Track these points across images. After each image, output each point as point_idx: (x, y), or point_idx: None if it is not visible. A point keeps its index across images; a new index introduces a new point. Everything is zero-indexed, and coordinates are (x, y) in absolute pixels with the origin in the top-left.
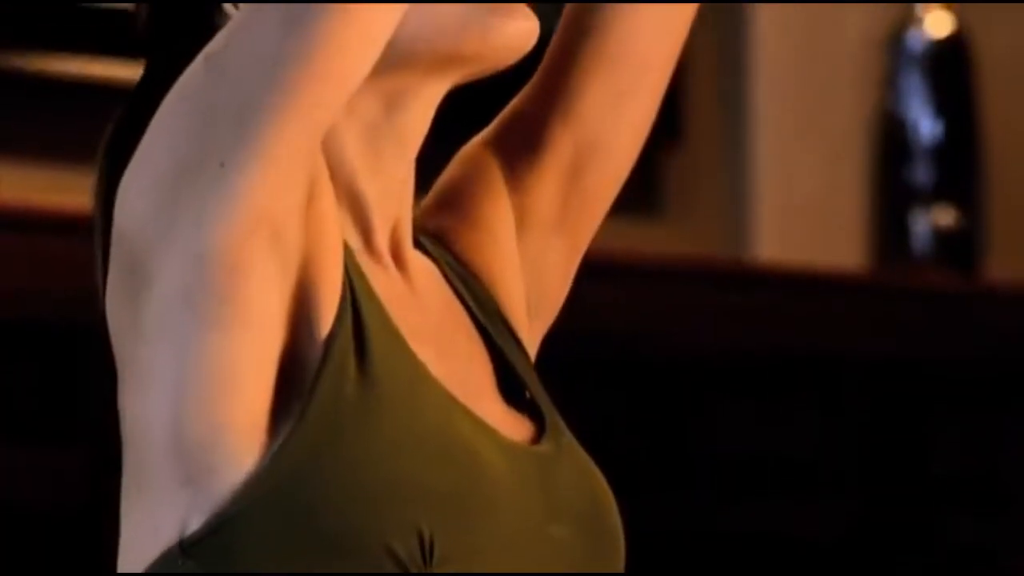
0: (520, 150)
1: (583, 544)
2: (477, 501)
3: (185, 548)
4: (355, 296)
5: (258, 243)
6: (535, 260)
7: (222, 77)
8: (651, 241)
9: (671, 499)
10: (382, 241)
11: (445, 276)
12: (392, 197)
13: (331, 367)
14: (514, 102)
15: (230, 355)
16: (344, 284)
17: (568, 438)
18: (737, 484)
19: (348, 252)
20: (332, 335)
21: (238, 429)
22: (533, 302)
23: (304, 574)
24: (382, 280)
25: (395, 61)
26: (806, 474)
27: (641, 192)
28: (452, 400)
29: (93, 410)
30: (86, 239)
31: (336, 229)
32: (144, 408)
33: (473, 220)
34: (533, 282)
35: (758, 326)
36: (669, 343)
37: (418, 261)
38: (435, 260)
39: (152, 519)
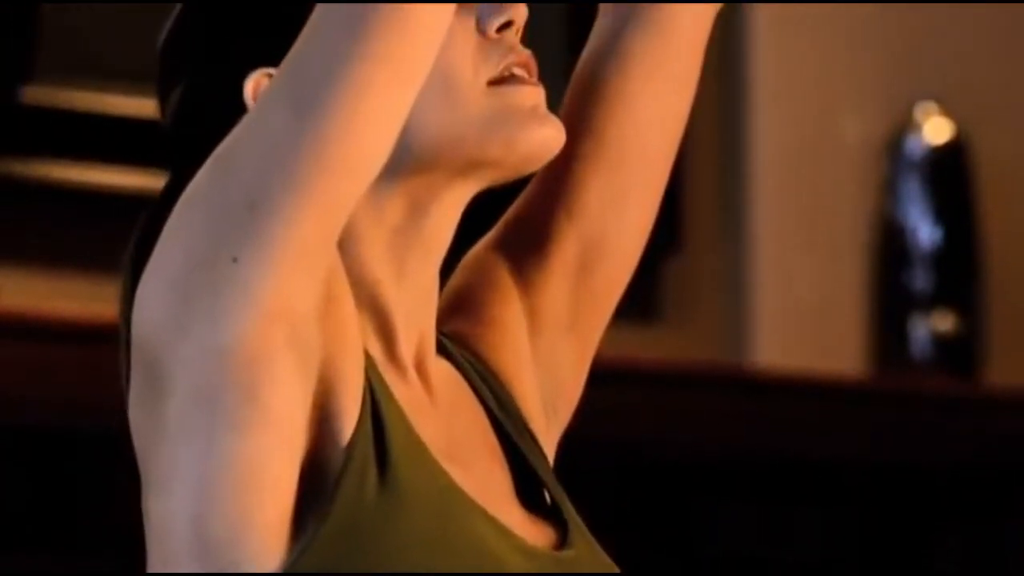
0: (527, 252)
1: None
2: None
3: None
4: (376, 403)
5: (275, 340)
6: (548, 360)
7: (231, 173)
8: (651, 346)
9: None
10: (406, 350)
11: (467, 379)
12: (417, 305)
13: (352, 472)
14: (517, 204)
15: (252, 455)
16: (365, 391)
17: (591, 542)
18: None
19: (369, 361)
20: (353, 441)
21: (261, 529)
22: (549, 401)
23: None
24: (403, 390)
25: (419, 166)
26: (797, 572)
27: (641, 297)
28: (474, 506)
29: (92, 517)
30: (89, 345)
31: (357, 336)
32: (167, 507)
33: (487, 322)
34: (548, 382)
35: (758, 431)
36: (670, 448)
37: (441, 369)
38: (456, 363)
39: None
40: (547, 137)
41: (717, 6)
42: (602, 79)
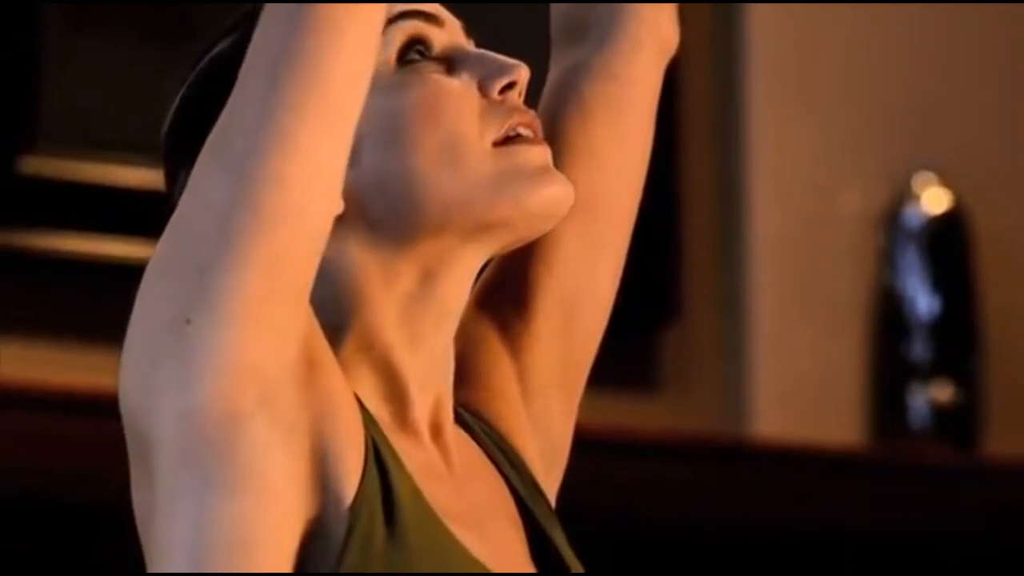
0: (512, 312)
1: None
2: None
3: None
4: (383, 466)
5: (245, 399)
6: (544, 420)
7: (181, 236)
8: (649, 417)
9: None
10: (420, 415)
11: (482, 446)
12: (432, 369)
13: (358, 535)
14: (494, 265)
15: (241, 517)
16: (369, 454)
17: None
18: None
19: (375, 426)
20: (357, 504)
21: None
22: (547, 457)
23: None
24: (417, 455)
25: (429, 231)
26: None
27: (639, 368)
28: (483, 569)
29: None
30: (91, 417)
31: (349, 403)
32: None
33: (487, 387)
34: (544, 441)
35: (757, 502)
36: (668, 519)
37: (459, 438)
38: (471, 430)
39: None
40: (557, 194)
41: (668, 56)
42: (568, 132)
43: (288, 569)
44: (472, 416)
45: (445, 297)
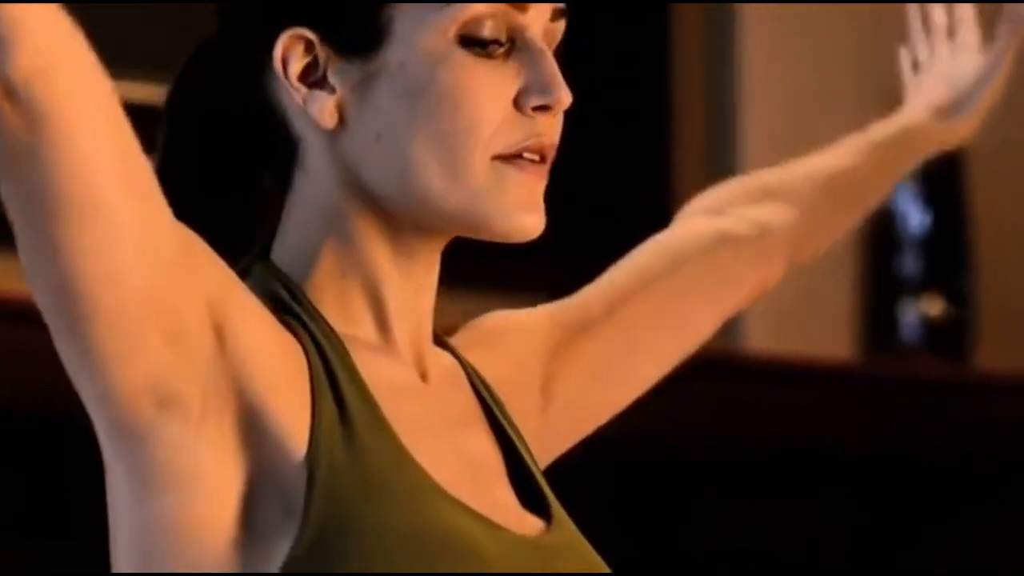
0: (573, 329)
1: None
2: None
3: None
4: (340, 395)
5: (144, 414)
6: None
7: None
8: None
9: None
10: (399, 334)
11: (468, 376)
12: (416, 294)
13: (320, 482)
14: (581, 299)
15: (173, 511)
16: (318, 394)
17: (575, 532)
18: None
19: (338, 351)
20: (312, 451)
21: (220, 568)
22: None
23: None
24: (394, 370)
25: (409, 207)
26: (796, 565)
27: None
28: (449, 497)
29: (79, 501)
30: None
31: (283, 353)
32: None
33: (506, 360)
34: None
35: (747, 417)
36: (658, 436)
37: (441, 359)
38: (462, 362)
39: None
40: (524, 227)
41: (777, 276)
42: (684, 265)
43: (238, 539)
44: (472, 369)
45: (433, 236)
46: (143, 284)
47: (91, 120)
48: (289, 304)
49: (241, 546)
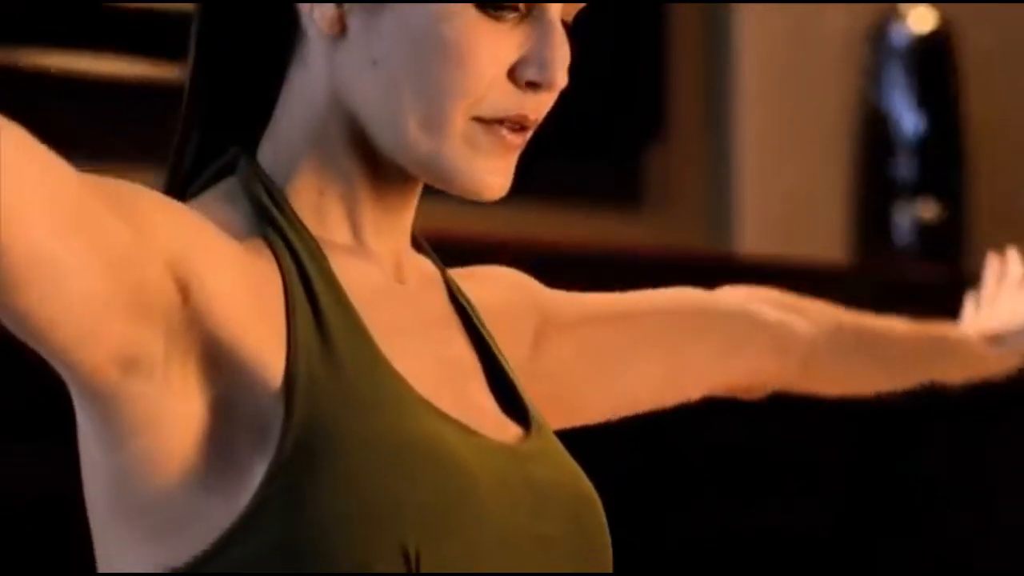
0: (578, 314)
1: (571, 540)
2: (460, 505)
3: None
4: (318, 308)
5: (109, 379)
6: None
7: None
8: (634, 234)
9: (656, 496)
10: (377, 245)
11: (447, 284)
12: (394, 204)
13: (298, 398)
14: (597, 297)
15: (144, 455)
16: (294, 319)
17: (552, 438)
18: (722, 481)
19: (319, 253)
20: (290, 377)
21: (196, 497)
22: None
23: None
24: (368, 274)
25: (391, 149)
26: (789, 471)
27: (624, 185)
28: (427, 404)
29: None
30: None
31: (256, 287)
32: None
33: (500, 294)
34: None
35: None
36: None
37: (420, 263)
38: (442, 272)
39: (125, 564)
40: (487, 186)
41: (782, 376)
42: (702, 327)
43: (212, 467)
44: (453, 282)
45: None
46: (98, 291)
47: (12, 195)
48: (269, 210)
49: (215, 471)
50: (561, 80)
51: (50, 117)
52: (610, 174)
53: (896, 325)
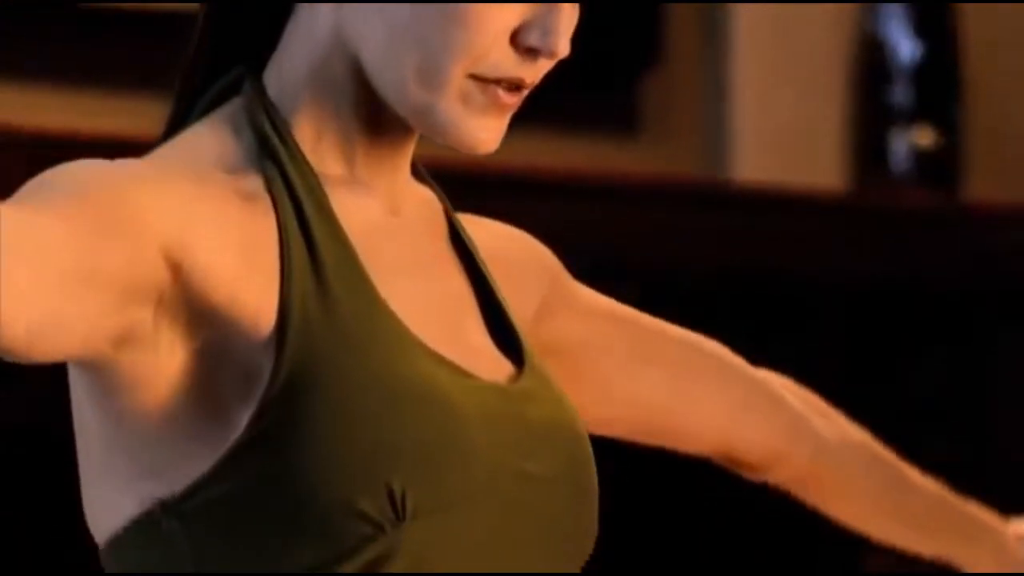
0: (597, 308)
1: (560, 480)
2: (449, 447)
3: (167, 507)
4: (314, 243)
5: (104, 355)
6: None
7: None
8: (630, 161)
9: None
10: (372, 179)
11: (447, 216)
12: (390, 141)
13: (290, 338)
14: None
15: (134, 413)
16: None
17: (546, 377)
18: None
19: (318, 188)
20: (283, 314)
21: (187, 443)
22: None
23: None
24: (365, 208)
25: (386, 94)
26: None
27: (621, 111)
28: (421, 345)
29: None
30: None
31: (252, 245)
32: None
33: (509, 245)
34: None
35: (738, 246)
36: (646, 263)
37: (419, 192)
38: (445, 206)
39: (114, 495)
40: (478, 140)
41: (777, 464)
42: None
43: (198, 412)
44: (453, 216)
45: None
46: (95, 311)
47: (10, 304)
48: (271, 141)
49: (205, 419)
50: (563, 49)
51: (63, 46)
52: (607, 101)
53: (923, 479)
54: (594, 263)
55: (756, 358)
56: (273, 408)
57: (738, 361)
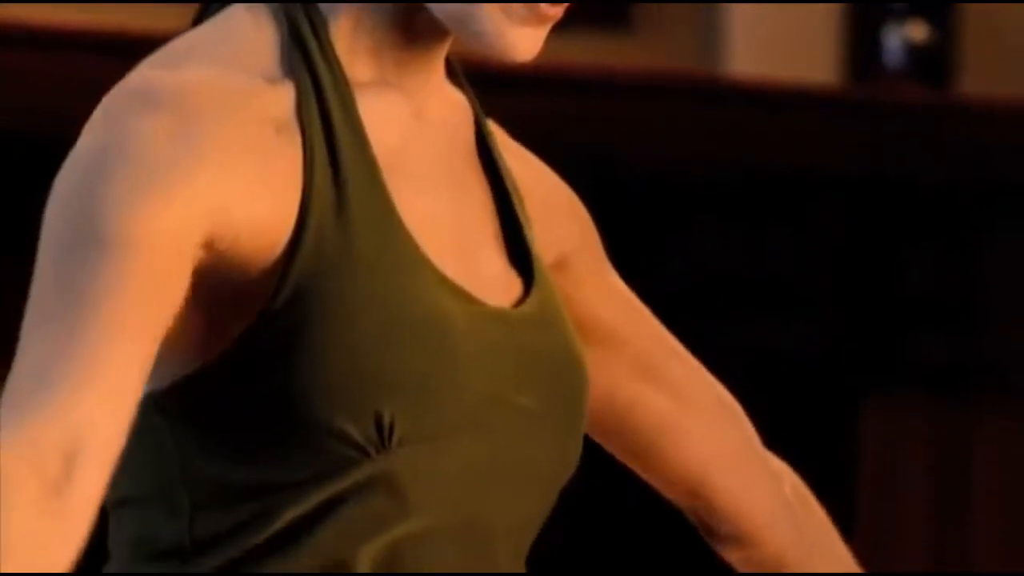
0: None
1: (550, 414)
2: (443, 380)
3: (155, 400)
4: (337, 154)
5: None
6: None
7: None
8: (624, 55)
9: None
10: (401, 77)
11: (477, 123)
12: (422, 46)
13: (302, 251)
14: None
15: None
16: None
17: (553, 299)
18: (705, 301)
19: (348, 94)
20: (298, 234)
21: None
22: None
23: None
24: (392, 114)
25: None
26: (778, 291)
27: (614, 6)
28: (429, 268)
29: None
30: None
31: (268, 174)
32: None
33: (542, 182)
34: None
35: (729, 141)
36: (639, 157)
37: (451, 100)
38: (477, 114)
39: None
40: (516, 48)
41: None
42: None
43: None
44: (487, 127)
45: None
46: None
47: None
48: (306, 41)
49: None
50: None
51: None
52: None
53: None
54: (588, 158)
55: (747, 252)
56: (270, 323)
57: (749, 426)
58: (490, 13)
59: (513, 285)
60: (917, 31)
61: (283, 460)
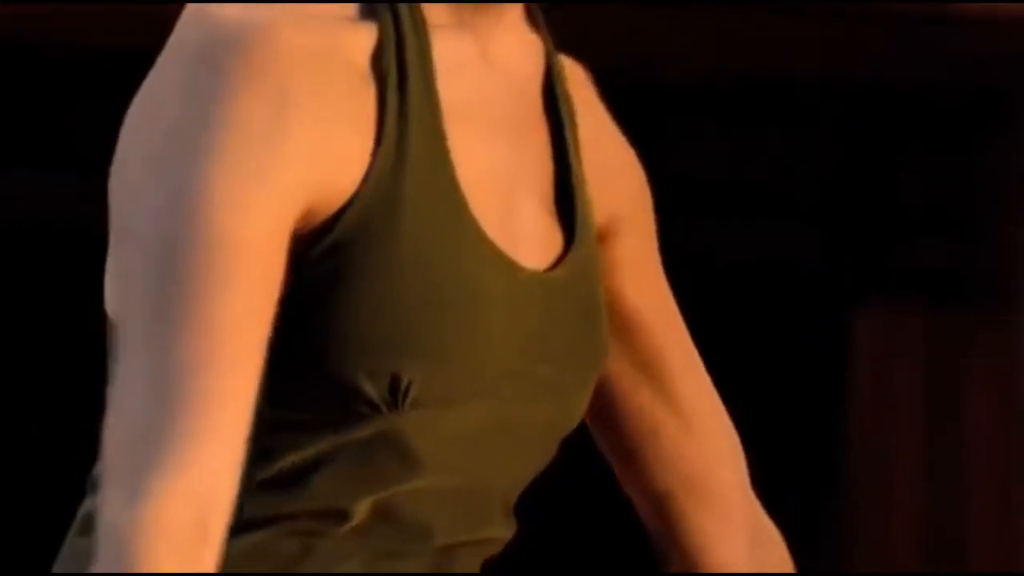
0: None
1: (562, 379)
2: (467, 349)
3: None
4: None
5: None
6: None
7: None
8: None
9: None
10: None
11: (550, 72)
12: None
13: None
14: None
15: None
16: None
17: (590, 265)
18: (699, 206)
19: (424, 39)
20: (355, 197)
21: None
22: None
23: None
24: (461, 58)
25: None
26: (774, 197)
27: None
28: (473, 228)
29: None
30: None
31: (350, 123)
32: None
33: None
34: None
35: (725, 48)
36: (639, 64)
37: (524, 39)
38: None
39: None
40: None
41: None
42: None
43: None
44: (560, 70)
45: None
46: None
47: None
48: None
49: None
50: None
51: None
52: None
53: None
54: (593, 66)
55: (742, 157)
56: (309, 270)
57: (742, 465)
58: None
59: (554, 242)
60: None
61: (295, 404)
